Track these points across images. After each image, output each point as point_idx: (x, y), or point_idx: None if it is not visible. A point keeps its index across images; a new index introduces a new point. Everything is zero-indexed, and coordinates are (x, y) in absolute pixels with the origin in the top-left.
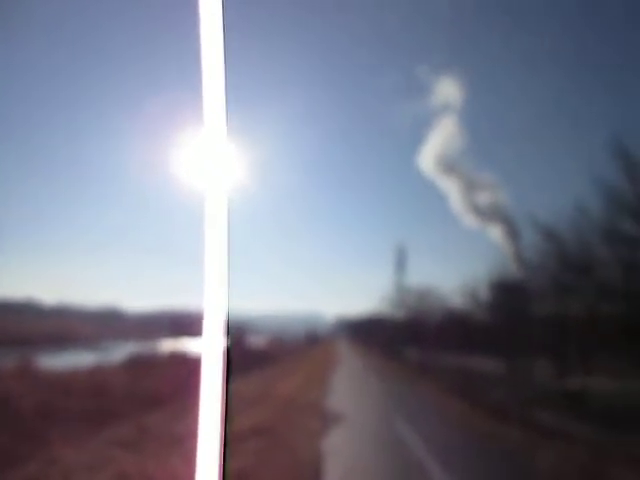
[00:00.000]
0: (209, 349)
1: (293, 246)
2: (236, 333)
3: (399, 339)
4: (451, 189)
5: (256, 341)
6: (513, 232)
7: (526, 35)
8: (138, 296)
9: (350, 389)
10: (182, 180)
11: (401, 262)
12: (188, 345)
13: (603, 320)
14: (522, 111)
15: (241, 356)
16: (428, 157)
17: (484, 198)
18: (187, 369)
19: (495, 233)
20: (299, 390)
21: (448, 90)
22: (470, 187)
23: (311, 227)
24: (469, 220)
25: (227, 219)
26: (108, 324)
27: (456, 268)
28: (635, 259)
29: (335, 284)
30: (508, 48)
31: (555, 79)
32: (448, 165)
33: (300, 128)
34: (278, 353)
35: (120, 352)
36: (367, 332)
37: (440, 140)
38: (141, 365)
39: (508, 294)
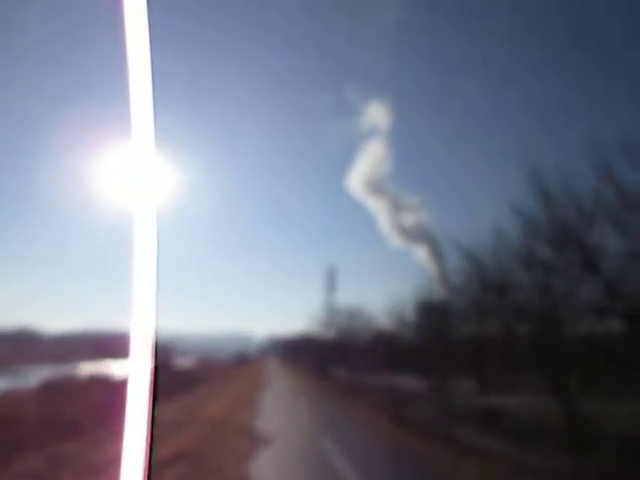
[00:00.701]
0: (134, 371)
1: (223, 266)
2: (163, 354)
3: (329, 359)
4: (379, 210)
5: (184, 362)
6: (437, 254)
7: (452, 64)
8: (56, 316)
9: (280, 410)
10: (107, 198)
11: (331, 282)
12: (110, 368)
13: (519, 340)
14: (446, 136)
15: (168, 378)
16: (357, 179)
17: (410, 219)
18: (109, 393)
19: (421, 254)
20: (228, 412)
21: (376, 113)
22: (397, 208)
23: (241, 247)
24: (396, 241)
25: (156, 238)
26: (22, 346)
27: (384, 288)
28: (548, 282)
29: (265, 304)
30: (435, 75)
31: (478, 108)
32: (376, 187)
33: (231, 146)
34: (207, 374)
35: (35, 376)
36: (297, 351)
37: (368, 162)
38: (58, 390)
39: (432, 315)
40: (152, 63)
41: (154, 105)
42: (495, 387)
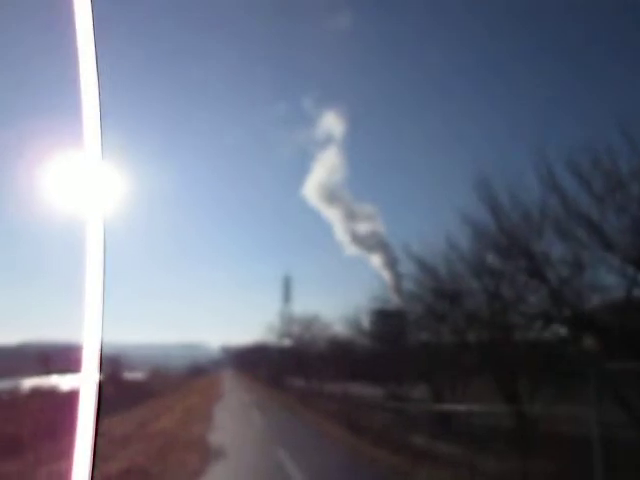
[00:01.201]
0: (80, 385)
1: (175, 276)
2: (112, 366)
3: (284, 368)
4: (334, 219)
5: (135, 374)
6: (391, 262)
7: (406, 76)
8: None
9: (234, 422)
10: (54, 209)
11: (287, 291)
12: (55, 382)
13: (471, 346)
14: (400, 146)
15: (118, 391)
16: (312, 187)
17: (365, 228)
18: (53, 408)
19: (375, 262)
20: (180, 425)
21: (331, 122)
22: (351, 217)
23: (194, 257)
24: (351, 249)
25: (104, 249)
26: None
27: (339, 296)
28: (498, 289)
29: (220, 313)
30: (390, 86)
31: (431, 120)
32: (331, 195)
33: (184, 156)
34: (160, 386)
35: None
36: (252, 361)
37: (324, 171)
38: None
39: (387, 322)
40: (99, 73)
41: (101, 113)
42: (448, 392)
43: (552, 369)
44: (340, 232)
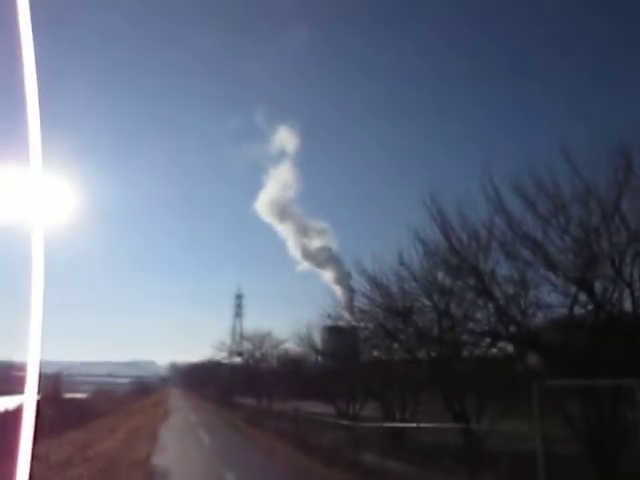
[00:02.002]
0: (17, 406)
1: (121, 291)
2: (52, 385)
3: (234, 386)
4: (286, 234)
5: (77, 393)
6: (343, 278)
7: (360, 90)
8: None
9: (181, 443)
10: None
11: (238, 307)
12: None
13: (422, 364)
14: (353, 162)
15: (57, 411)
16: (264, 203)
17: (317, 244)
18: None
19: (327, 278)
20: (123, 447)
21: (284, 138)
22: (304, 232)
23: (143, 271)
24: (303, 265)
25: (43, 264)
26: None
27: (291, 312)
28: (448, 308)
29: (169, 330)
30: (343, 103)
31: (385, 137)
32: (283, 211)
33: (134, 170)
34: (103, 405)
35: None
36: (201, 379)
37: (276, 187)
38: None
39: (339, 339)
40: (40, 86)
41: (42, 125)
42: (399, 410)
43: (499, 385)
44: (292, 247)
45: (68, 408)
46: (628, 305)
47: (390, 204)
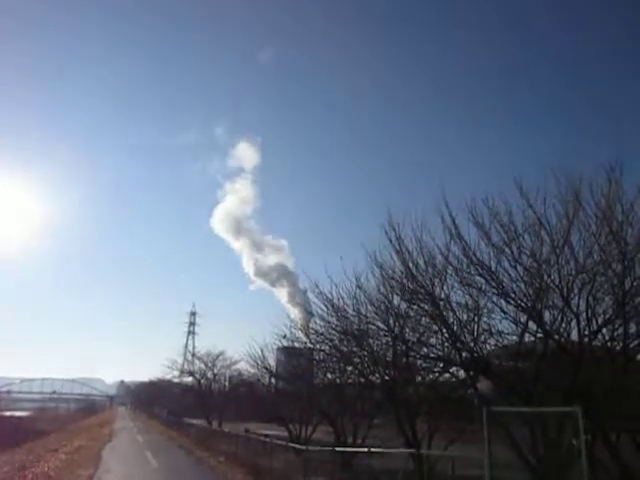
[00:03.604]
0: None
1: (71, 303)
2: None
3: (185, 406)
4: (242, 251)
5: (18, 411)
6: (299, 298)
7: (320, 109)
8: None
9: (125, 465)
10: None
11: (192, 325)
12: None
13: (375, 388)
14: (313, 180)
15: None
16: (221, 219)
17: (273, 261)
18: None
19: (282, 296)
20: (64, 469)
21: (243, 153)
22: (259, 249)
23: (93, 286)
24: (259, 283)
25: None
26: None
27: (246, 332)
28: (402, 332)
29: (118, 346)
30: (303, 119)
31: (345, 158)
32: (240, 227)
33: (89, 182)
34: (45, 424)
35: None
36: (151, 399)
37: (233, 202)
38: None
39: (294, 361)
40: None
41: None
42: (351, 433)
43: (450, 410)
44: (248, 264)
45: (6, 426)
46: (575, 334)
47: (349, 226)
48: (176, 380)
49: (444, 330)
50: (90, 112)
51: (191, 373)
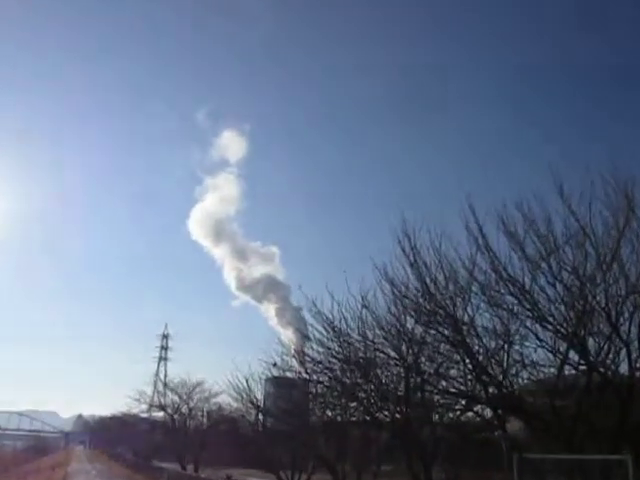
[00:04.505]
0: None
1: (17, 325)
2: None
3: (155, 447)
4: (223, 259)
5: None
6: (293, 318)
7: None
8: None
9: None
10: None
11: (164, 349)
12: None
13: (384, 428)
14: (312, 176)
15: None
16: (199, 221)
17: (260, 272)
18: None
19: (272, 316)
20: None
21: (229, 143)
22: (243, 258)
23: (47, 302)
24: (243, 298)
25: None
26: None
27: (229, 357)
28: (417, 361)
29: (75, 375)
30: (301, 104)
31: (349, 148)
32: (221, 231)
33: (60, 172)
34: None
35: None
36: (114, 437)
37: (214, 201)
38: None
39: (286, 394)
40: None
41: None
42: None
43: (473, 455)
44: (229, 276)
45: None
46: (624, 367)
47: (354, 232)
48: (144, 415)
49: (467, 360)
50: (51, 96)
51: (162, 407)
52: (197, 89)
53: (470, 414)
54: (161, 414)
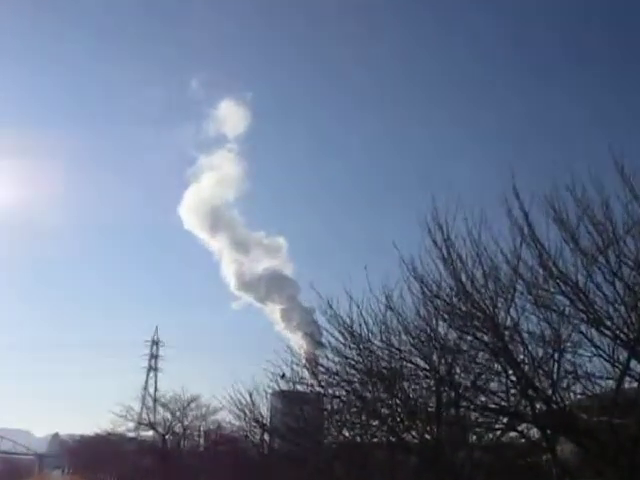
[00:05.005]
0: None
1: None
2: None
3: (143, 471)
4: (222, 252)
5: None
6: (304, 320)
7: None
8: None
9: None
10: None
11: (154, 359)
12: None
13: (412, 451)
14: (324, 154)
15: None
16: (192, 207)
17: (265, 267)
18: None
19: (278, 319)
20: None
21: (227, 115)
22: (245, 251)
23: (15, 308)
24: (245, 299)
25: None
26: None
27: (228, 368)
28: (451, 372)
29: (51, 388)
30: (313, 70)
31: (366, 120)
32: (218, 218)
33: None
34: None
35: None
36: (95, 459)
37: (210, 184)
38: None
39: (296, 411)
40: None
41: None
42: None
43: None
44: (230, 272)
45: None
46: None
47: (375, 220)
48: (131, 434)
49: (510, 371)
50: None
51: (152, 425)
52: (190, 52)
53: (513, 434)
54: (150, 433)
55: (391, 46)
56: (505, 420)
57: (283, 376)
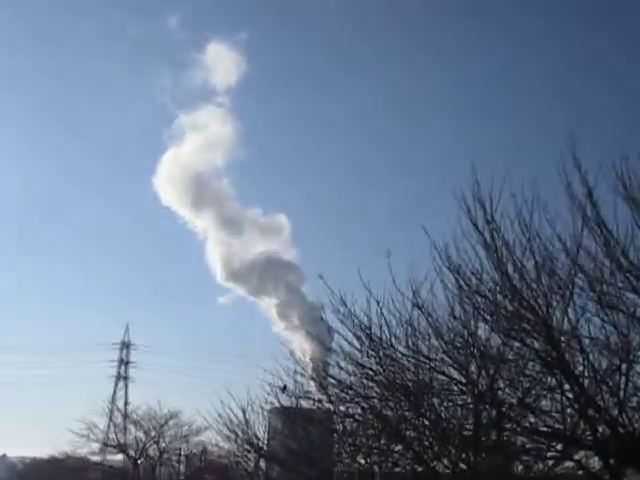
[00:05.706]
0: None
1: None
2: None
3: None
4: (207, 233)
5: None
6: (307, 317)
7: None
8: None
9: None
10: None
11: (124, 365)
12: None
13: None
14: (332, 114)
15: None
16: (170, 177)
17: (260, 251)
18: None
19: (275, 317)
20: None
21: (216, 62)
22: (238, 231)
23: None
24: (237, 291)
25: None
26: None
27: (214, 376)
28: (492, 387)
29: (20, 410)
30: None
31: (382, 70)
32: (203, 192)
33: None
34: None
35: None
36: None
37: (194, 149)
38: None
39: (300, 431)
40: None
41: None
42: None
43: None
44: (216, 257)
45: None
46: None
47: (402, 193)
48: (95, 458)
49: (566, 386)
50: None
51: (121, 447)
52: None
53: (569, 464)
54: (119, 457)
55: None
56: (559, 446)
57: (284, 389)
